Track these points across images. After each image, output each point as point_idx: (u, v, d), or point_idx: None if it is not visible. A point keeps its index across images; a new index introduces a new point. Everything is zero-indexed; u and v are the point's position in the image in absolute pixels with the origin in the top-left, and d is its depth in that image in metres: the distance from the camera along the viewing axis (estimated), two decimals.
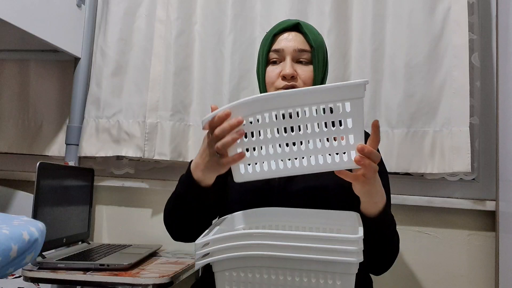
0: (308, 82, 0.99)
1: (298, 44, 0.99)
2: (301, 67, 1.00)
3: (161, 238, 1.51)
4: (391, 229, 0.89)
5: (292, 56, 0.99)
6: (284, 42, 1.00)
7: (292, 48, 0.99)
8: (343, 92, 0.70)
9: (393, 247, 0.90)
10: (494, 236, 1.32)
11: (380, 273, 0.94)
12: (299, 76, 0.99)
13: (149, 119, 1.45)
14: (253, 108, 0.73)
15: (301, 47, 0.99)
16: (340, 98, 0.71)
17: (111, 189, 1.57)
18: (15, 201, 1.48)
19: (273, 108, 0.72)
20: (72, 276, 1.02)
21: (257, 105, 0.73)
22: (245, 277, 0.72)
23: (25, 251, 0.64)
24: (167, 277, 1.03)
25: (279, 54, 1.00)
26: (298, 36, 1.01)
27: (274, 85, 1.00)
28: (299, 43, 0.99)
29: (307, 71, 0.99)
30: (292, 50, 0.99)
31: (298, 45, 0.99)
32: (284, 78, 0.98)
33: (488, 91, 1.38)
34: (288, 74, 0.97)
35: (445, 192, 1.38)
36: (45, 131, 1.65)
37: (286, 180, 0.98)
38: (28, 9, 1.24)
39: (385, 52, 1.37)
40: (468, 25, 1.32)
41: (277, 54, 1.00)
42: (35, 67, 1.67)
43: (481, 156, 1.38)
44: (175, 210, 0.94)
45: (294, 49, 0.99)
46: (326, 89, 0.71)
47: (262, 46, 1.04)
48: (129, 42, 1.51)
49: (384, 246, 0.88)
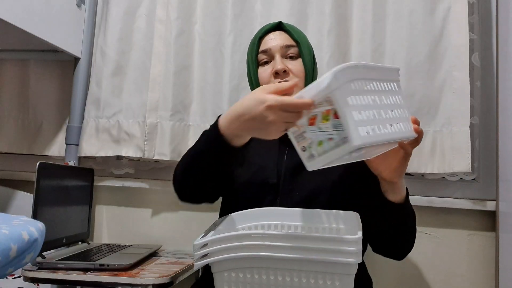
0: (300, 75, 1.01)
1: (284, 41, 1.03)
2: (290, 62, 1.02)
3: (161, 238, 1.51)
4: (412, 210, 0.93)
5: (281, 53, 1.02)
6: (270, 42, 1.03)
7: (279, 46, 1.02)
8: (394, 74, 0.80)
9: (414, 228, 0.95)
10: (494, 236, 1.32)
11: (404, 256, 0.98)
12: (290, 71, 1.00)
13: (149, 119, 1.45)
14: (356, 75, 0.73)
15: (287, 43, 1.02)
16: (394, 79, 0.79)
17: (111, 189, 1.57)
18: (15, 201, 1.48)
19: (374, 79, 0.74)
20: (72, 276, 1.02)
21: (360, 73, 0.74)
22: (244, 277, 0.72)
23: (24, 251, 0.64)
24: (167, 277, 1.03)
25: (268, 54, 1.03)
26: (282, 34, 1.04)
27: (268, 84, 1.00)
28: (284, 40, 1.03)
29: (297, 65, 1.02)
30: (279, 48, 1.02)
31: (284, 41, 1.02)
32: (277, 75, 1.00)
33: (488, 91, 1.38)
34: (280, 69, 0.99)
35: (445, 192, 1.38)
36: (45, 131, 1.65)
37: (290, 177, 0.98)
38: (28, 9, 1.24)
39: (385, 52, 1.37)
40: (468, 25, 1.32)
41: (266, 55, 1.03)
42: (35, 67, 1.67)
43: (481, 156, 1.37)
44: (193, 166, 0.89)
45: (281, 46, 1.02)
46: (391, 69, 0.80)
47: (249, 51, 1.06)
48: (129, 42, 1.51)
49: (409, 228, 0.93)
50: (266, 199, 0.97)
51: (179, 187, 0.95)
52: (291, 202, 0.96)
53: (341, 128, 0.67)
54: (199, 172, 0.89)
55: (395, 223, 0.90)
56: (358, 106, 0.68)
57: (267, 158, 1.01)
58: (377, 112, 0.71)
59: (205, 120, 1.46)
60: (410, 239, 0.96)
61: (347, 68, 0.70)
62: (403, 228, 0.92)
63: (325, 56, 1.36)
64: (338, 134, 0.68)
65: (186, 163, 0.91)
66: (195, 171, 0.89)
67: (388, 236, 0.93)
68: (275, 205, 0.97)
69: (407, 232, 0.94)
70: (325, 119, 0.70)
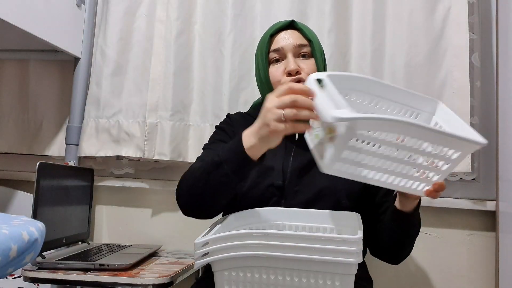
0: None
1: (297, 40, 1.02)
2: (303, 61, 1.01)
3: (161, 238, 1.51)
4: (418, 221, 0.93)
5: (293, 52, 1.01)
6: (283, 41, 1.02)
7: (291, 45, 1.01)
8: (458, 144, 0.71)
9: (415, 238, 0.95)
10: (494, 236, 1.32)
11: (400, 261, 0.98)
12: (303, 70, 1.00)
13: (149, 119, 1.45)
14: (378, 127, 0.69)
15: (300, 42, 1.02)
16: (454, 147, 0.71)
17: (111, 189, 1.57)
18: (15, 201, 1.48)
19: (390, 131, 0.69)
20: (72, 276, 1.02)
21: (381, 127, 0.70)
22: (244, 277, 0.72)
23: (24, 251, 0.64)
24: (167, 277, 1.02)
25: (280, 52, 1.02)
26: (294, 33, 1.03)
27: (280, 82, 1.01)
28: (297, 39, 1.02)
29: (310, 64, 1.01)
30: (292, 47, 1.01)
31: (297, 40, 1.02)
32: (289, 74, 0.99)
33: (488, 91, 1.38)
34: (292, 70, 0.98)
35: (445, 192, 1.35)
36: (45, 131, 1.64)
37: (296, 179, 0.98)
38: (28, 9, 1.24)
39: (385, 52, 1.37)
40: (468, 25, 1.32)
41: (278, 53, 1.02)
42: (35, 67, 1.67)
43: (481, 156, 1.37)
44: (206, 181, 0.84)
45: (294, 45, 1.01)
46: (443, 134, 0.70)
47: (259, 49, 1.05)
48: (129, 42, 1.51)
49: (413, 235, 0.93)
50: (271, 200, 0.97)
51: (186, 203, 0.90)
52: (296, 204, 0.96)
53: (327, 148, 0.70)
54: (212, 187, 0.84)
55: (399, 231, 0.90)
56: (357, 148, 0.69)
57: (273, 160, 1.00)
58: (380, 160, 0.71)
59: (205, 120, 1.45)
60: (409, 248, 0.96)
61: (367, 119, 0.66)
62: (404, 236, 0.92)
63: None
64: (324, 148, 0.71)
65: (196, 178, 0.86)
66: (209, 186, 0.84)
67: (388, 242, 0.93)
68: (280, 206, 0.97)
69: (407, 241, 0.94)
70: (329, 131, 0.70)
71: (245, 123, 1.07)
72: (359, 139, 0.68)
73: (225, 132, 1.08)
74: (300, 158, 1.00)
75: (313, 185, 0.97)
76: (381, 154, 0.71)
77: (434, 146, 0.71)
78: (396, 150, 0.71)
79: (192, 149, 1.45)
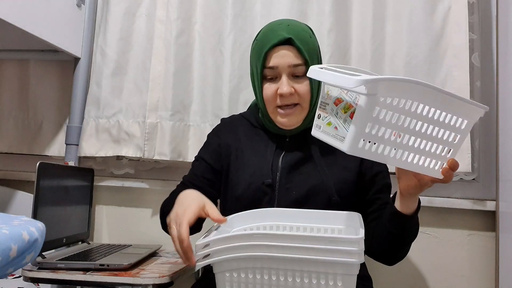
0: (306, 96, 0.99)
1: (292, 59, 0.96)
2: (297, 81, 0.98)
3: (161, 238, 1.50)
4: (416, 225, 0.92)
5: (288, 72, 0.97)
6: (278, 59, 0.97)
7: (286, 65, 0.96)
8: (467, 110, 0.75)
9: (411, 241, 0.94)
10: (494, 236, 1.32)
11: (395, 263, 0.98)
12: (297, 92, 0.98)
13: (149, 119, 1.45)
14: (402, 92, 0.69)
15: (295, 62, 0.97)
16: (462, 114, 0.74)
17: (111, 189, 1.57)
18: (15, 201, 1.48)
19: (410, 97, 0.70)
20: (72, 276, 1.02)
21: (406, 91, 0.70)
22: (246, 278, 0.72)
23: (25, 251, 0.64)
24: (167, 277, 1.02)
25: (274, 71, 0.98)
26: (291, 51, 0.97)
27: (273, 103, 0.99)
28: (293, 59, 0.96)
29: (304, 85, 0.98)
30: (287, 67, 0.97)
31: (292, 60, 0.96)
32: (282, 97, 0.97)
33: (488, 91, 1.38)
34: (286, 93, 0.96)
35: (445, 192, 1.38)
36: (45, 131, 1.64)
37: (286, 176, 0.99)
38: (28, 9, 1.23)
39: (385, 52, 1.37)
40: (468, 25, 1.32)
41: (272, 72, 0.98)
42: (35, 67, 1.67)
43: (481, 156, 1.38)
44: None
45: (289, 65, 0.96)
46: (458, 101, 0.73)
47: (254, 62, 1.01)
48: (129, 42, 1.51)
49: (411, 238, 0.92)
50: (264, 199, 0.98)
51: (164, 228, 1.03)
52: (288, 201, 0.97)
53: (347, 128, 0.69)
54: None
55: (396, 234, 0.89)
56: (379, 121, 0.68)
57: (263, 160, 1.02)
58: (402, 135, 0.71)
59: (205, 120, 1.45)
60: (405, 250, 0.95)
61: (389, 80, 0.67)
62: (401, 239, 0.91)
63: (325, 56, 1.35)
64: (342, 130, 0.70)
65: (166, 213, 0.90)
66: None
67: (384, 244, 0.92)
68: (273, 204, 0.97)
69: (404, 244, 0.93)
70: (344, 110, 0.70)
71: (235, 129, 1.09)
72: (381, 108, 0.67)
73: (211, 146, 1.12)
74: (290, 156, 1.02)
75: (304, 182, 0.98)
76: (400, 126, 0.70)
77: (445, 115, 0.73)
78: (414, 122, 0.71)
79: (192, 149, 1.45)
